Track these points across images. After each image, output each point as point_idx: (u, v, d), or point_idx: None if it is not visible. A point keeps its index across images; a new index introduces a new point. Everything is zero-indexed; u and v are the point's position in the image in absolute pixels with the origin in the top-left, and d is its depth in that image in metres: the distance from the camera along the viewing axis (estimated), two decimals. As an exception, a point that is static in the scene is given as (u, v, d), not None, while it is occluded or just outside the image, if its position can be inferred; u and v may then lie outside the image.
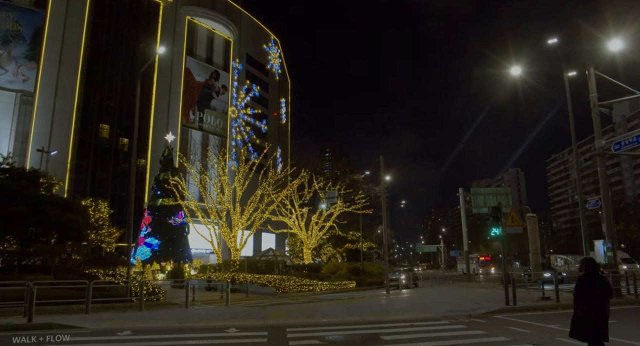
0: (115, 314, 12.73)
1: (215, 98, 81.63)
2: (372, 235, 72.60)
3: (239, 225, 30.12)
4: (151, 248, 45.29)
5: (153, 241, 46.12)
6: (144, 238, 45.49)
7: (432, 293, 21.27)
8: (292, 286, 23.32)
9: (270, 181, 31.46)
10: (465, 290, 23.10)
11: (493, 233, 13.77)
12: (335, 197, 23.72)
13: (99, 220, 23.01)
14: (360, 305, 15.20)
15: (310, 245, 37.05)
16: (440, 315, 12.10)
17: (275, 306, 15.53)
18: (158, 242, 46.00)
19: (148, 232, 45.78)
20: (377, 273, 35.61)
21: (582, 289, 5.93)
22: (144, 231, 45.61)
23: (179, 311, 13.24)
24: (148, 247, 45.14)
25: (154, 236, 46.03)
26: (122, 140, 66.94)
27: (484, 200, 32.31)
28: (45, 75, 61.28)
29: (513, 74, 18.28)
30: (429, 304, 15.28)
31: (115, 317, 11.88)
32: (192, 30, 80.00)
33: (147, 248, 44.93)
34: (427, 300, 16.85)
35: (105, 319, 11.28)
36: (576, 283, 6.05)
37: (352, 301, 17.08)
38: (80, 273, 20.04)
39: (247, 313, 12.68)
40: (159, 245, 45.90)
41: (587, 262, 6.11)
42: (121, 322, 10.90)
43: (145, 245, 45.18)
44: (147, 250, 44.88)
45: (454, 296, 18.09)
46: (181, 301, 19.56)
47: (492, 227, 13.90)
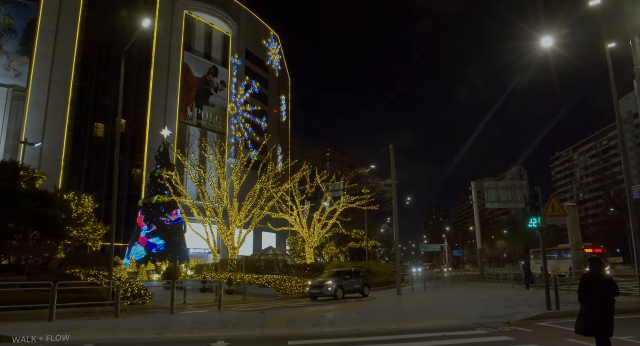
0: (86, 322, 10.75)
1: (214, 94, 79.66)
2: (376, 234, 70.62)
3: (237, 222, 28.15)
4: (156, 248, 43.42)
5: (158, 241, 44.23)
6: (147, 238, 43.51)
7: (449, 294, 19.28)
8: (293, 288, 21.35)
9: (270, 175, 29.49)
10: (484, 290, 21.11)
11: (531, 225, 11.75)
12: (340, 191, 21.73)
13: (82, 216, 21.01)
14: (373, 309, 13.21)
15: (313, 244, 35.07)
16: (471, 323, 10.11)
17: (276, 310, 13.55)
18: (163, 242, 44.20)
19: (152, 231, 43.80)
20: (384, 273, 33.63)
21: (587, 287, 6.06)
22: (145, 230, 43.56)
23: (162, 318, 11.26)
24: (152, 247, 43.28)
25: (159, 236, 44.16)
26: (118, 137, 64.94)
27: (497, 194, 30.09)
28: (38, 70, 59.38)
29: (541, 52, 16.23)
30: (452, 308, 13.28)
31: (83, 326, 9.90)
32: (190, 25, 78.06)
33: (141, 248, 42.95)
34: (448, 303, 14.87)
35: (69, 329, 9.29)
36: (581, 281, 6.18)
37: (363, 304, 15.09)
38: (60, 273, 18.07)
39: (242, 320, 10.68)
40: (164, 246, 44.13)
41: (593, 262, 6.23)
42: (87, 333, 8.92)
43: (148, 245, 43.27)
44: (142, 250, 42.92)
45: (477, 299, 16.10)
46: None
47: (530, 218, 11.89)
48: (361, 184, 26.23)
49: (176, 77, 73.38)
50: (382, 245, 48.30)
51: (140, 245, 43.18)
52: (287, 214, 34.52)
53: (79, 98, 62.24)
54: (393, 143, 19.95)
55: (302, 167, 31.59)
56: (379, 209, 34.76)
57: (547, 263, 11.23)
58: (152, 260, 40.75)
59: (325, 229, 35.55)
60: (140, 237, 43.37)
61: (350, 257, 43.12)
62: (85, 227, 21.04)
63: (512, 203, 31.04)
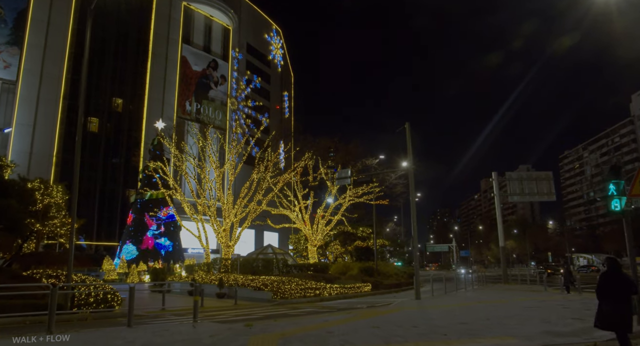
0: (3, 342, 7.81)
1: (214, 88, 76.86)
2: (382, 233, 67.52)
3: (231, 217, 25.19)
4: (164, 249, 40.81)
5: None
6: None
7: (477, 297, 16.27)
8: (293, 291, 18.38)
9: (269, 164, 26.55)
10: (515, 293, 18.10)
11: (614, 207, 8.71)
12: (347, 178, 18.72)
13: (50, 208, 18.11)
14: (393, 321, 10.22)
15: (316, 242, 32.09)
16: (537, 344, 7.13)
17: (268, 321, 10.61)
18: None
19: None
20: (394, 273, 30.67)
21: (605, 285, 6.35)
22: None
23: (113, 335, 8.34)
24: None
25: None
26: (111, 131, 62.24)
27: (520, 186, 27.15)
28: (29, 62, 56.74)
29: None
30: (497, 319, 10.26)
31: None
32: (188, 17, 75.28)
33: (133, 247, 40.10)
34: (486, 312, 11.83)
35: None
36: (599, 279, 6.47)
37: (378, 313, 12.08)
38: (12, 274, 15.21)
39: (216, 339, 7.73)
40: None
41: (610, 261, 6.48)
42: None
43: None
44: (133, 249, 40.07)
45: (519, 305, 13.04)
46: (146, 311, 14.73)
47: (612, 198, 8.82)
48: (369, 177, 23.25)
49: (174, 70, 70.63)
50: (390, 244, 45.27)
51: (132, 244, 40.33)
52: (288, 210, 31.59)
53: (71, 92, 59.59)
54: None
55: (305, 155, 28.56)
56: (388, 203, 31.67)
57: (635, 261, 8.18)
58: (141, 259, 37.90)
59: (330, 226, 32.58)
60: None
61: (356, 256, 40.13)
62: (52, 220, 18.11)
63: (538, 195, 27.93)
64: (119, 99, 64.31)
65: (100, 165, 60.38)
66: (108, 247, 54.27)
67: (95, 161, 60.01)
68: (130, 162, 57.27)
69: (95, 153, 60.07)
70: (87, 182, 58.81)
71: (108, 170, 60.95)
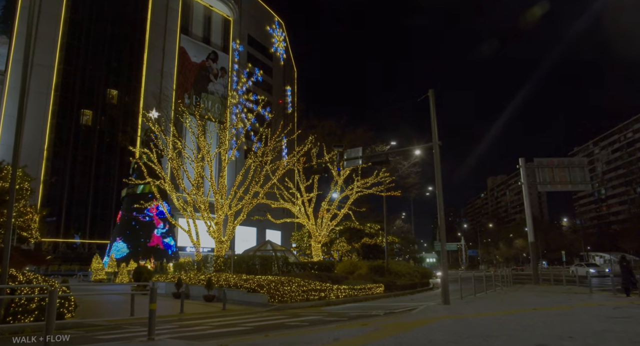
0: None
1: (213, 81, 74.03)
2: (390, 229, 64.44)
3: (224, 208, 22.25)
4: (171, 249, 38.37)
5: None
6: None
7: (519, 302, 13.27)
8: (294, 293, 15.40)
9: (266, 150, 23.61)
10: (561, 297, 15.10)
11: None
12: (358, 158, 15.74)
13: (3, 194, 15.22)
14: (427, 339, 7.21)
15: (320, 238, 29.13)
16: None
17: (255, 337, 7.65)
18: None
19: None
20: (406, 273, 27.64)
21: None
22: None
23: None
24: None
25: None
26: (106, 124, 59.51)
27: (552, 174, 24.08)
28: (18, 51, 54.07)
29: None
30: (582, 338, 7.22)
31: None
32: (187, 7, 72.46)
33: (123, 244, 37.29)
34: (554, 326, 8.80)
35: None
36: None
37: (407, 326, 9.01)
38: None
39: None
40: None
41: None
42: None
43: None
44: (123, 247, 37.26)
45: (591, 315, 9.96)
46: (109, 320, 11.82)
47: None
48: (384, 156, 20.28)
49: (172, 62, 67.82)
50: (400, 242, 42.32)
51: (122, 241, 37.51)
52: (290, 203, 28.64)
53: (63, 83, 56.89)
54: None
55: (308, 138, 25.65)
56: (400, 195, 28.62)
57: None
58: (131, 257, 35.10)
59: (336, 220, 29.61)
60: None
61: (364, 254, 37.20)
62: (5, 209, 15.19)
63: (571, 184, 24.63)
64: (114, 91, 61.61)
65: (94, 158, 57.72)
66: (102, 245, 51.52)
67: (88, 155, 57.34)
68: (125, 156, 54.49)
69: (88, 146, 57.42)
70: (81, 177, 56.13)
71: (102, 165, 58.26)
